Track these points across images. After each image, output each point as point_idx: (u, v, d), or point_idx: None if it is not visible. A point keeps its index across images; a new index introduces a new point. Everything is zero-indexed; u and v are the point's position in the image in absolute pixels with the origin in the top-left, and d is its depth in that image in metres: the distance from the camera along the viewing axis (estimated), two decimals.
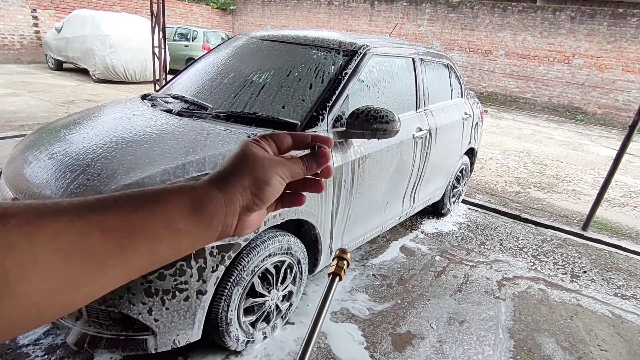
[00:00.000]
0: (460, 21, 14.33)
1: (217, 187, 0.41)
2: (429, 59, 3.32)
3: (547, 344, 2.42)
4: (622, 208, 5.06)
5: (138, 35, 10.01)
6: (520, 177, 5.87)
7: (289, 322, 2.30)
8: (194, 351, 2.02)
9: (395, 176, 2.79)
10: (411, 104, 3.01)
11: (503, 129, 9.71)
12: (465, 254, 3.40)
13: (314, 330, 0.47)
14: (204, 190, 0.40)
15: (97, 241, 0.33)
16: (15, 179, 1.80)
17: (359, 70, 2.43)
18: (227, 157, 0.44)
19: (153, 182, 1.60)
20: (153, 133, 1.95)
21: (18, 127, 5.33)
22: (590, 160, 7.43)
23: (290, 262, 2.11)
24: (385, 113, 2.15)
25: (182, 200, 0.39)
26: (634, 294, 3.12)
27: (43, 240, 0.30)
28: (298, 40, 2.70)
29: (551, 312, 2.74)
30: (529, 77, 13.63)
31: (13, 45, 11.63)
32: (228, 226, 0.42)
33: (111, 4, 13.68)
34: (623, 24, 11.84)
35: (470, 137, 4.02)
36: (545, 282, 3.12)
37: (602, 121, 12.59)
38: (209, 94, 2.47)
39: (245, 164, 0.42)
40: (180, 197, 0.39)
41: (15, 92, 7.52)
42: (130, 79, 10.22)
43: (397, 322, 2.44)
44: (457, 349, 2.28)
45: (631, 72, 12.02)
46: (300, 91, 2.33)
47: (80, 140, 1.93)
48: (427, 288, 2.83)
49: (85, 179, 1.63)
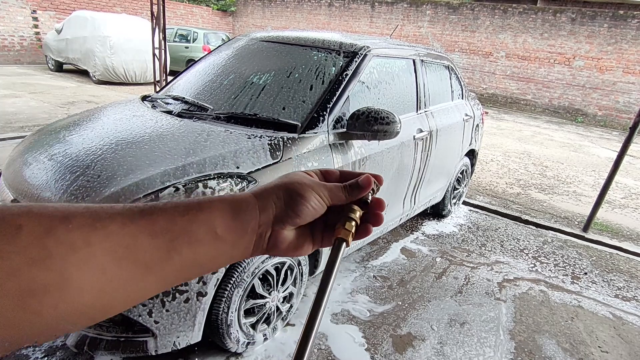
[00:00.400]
0: (460, 23, 14.34)
1: (253, 194, 0.43)
2: (429, 60, 3.32)
3: (548, 345, 2.42)
4: (623, 210, 5.06)
5: (138, 36, 10.01)
6: (520, 178, 5.87)
7: (289, 323, 2.29)
8: (194, 353, 2.01)
9: (396, 178, 2.79)
10: (412, 105, 3.00)
11: (504, 130, 9.71)
12: (466, 256, 3.40)
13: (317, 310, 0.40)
14: (242, 197, 0.42)
15: (146, 244, 0.35)
16: (15, 180, 1.80)
17: (359, 71, 2.43)
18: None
19: (153, 184, 1.60)
20: (153, 134, 1.95)
21: (18, 128, 5.33)
22: (591, 162, 7.43)
23: (291, 264, 2.10)
24: (385, 114, 2.14)
25: (222, 206, 0.41)
26: (634, 295, 3.11)
27: (99, 241, 0.33)
28: (298, 41, 2.69)
29: (552, 314, 2.73)
30: (529, 79, 13.63)
31: (13, 46, 11.64)
32: (262, 236, 0.42)
33: (111, 5, 13.70)
34: (624, 26, 11.85)
35: (470, 139, 4.02)
36: (546, 283, 3.11)
37: (602, 123, 12.59)
38: (209, 95, 2.47)
39: (284, 178, 0.45)
40: (221, 204, 0.41)
41: (15, 93, 7.53)
42: (130, 80, 10.22)
43: (397, 324, 2.43)
44: (458, 350, 2.28)
45: (632, 74, 12.02)
46: (301, 92, 2.33)
47: (80, 141, 1.93)
48: (428, 289, 2.83)
49: (85, 181, 1.62)
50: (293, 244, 0.45)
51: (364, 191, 0.46)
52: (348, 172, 0.50)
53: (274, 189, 0.44)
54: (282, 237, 0.44)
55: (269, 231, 0.43)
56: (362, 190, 0.46)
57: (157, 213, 0.37)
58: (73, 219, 0.32)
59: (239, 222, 0.41)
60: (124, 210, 0.36)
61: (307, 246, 0.47)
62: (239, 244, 0.41)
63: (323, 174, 0.49)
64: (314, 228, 0.48)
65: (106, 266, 0.33)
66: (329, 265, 0.43)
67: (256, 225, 0.42)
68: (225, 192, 1.68)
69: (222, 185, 1.69)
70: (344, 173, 0.50)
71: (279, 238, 0.43)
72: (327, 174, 0.50)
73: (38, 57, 12.07)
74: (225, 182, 1.70)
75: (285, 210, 0.43)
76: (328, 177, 0.49)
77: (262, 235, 0.42)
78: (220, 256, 0.40)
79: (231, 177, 1.73)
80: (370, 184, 0.47)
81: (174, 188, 1.60)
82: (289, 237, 0.45)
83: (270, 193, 0.43)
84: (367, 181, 0.46)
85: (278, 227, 0.43)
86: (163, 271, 0.37)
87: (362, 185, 0.46)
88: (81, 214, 0.33)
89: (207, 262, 0.40)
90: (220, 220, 0.40)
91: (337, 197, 0.46)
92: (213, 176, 1.70)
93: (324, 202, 0.45)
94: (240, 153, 1.84)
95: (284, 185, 0.44)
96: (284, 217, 0.43)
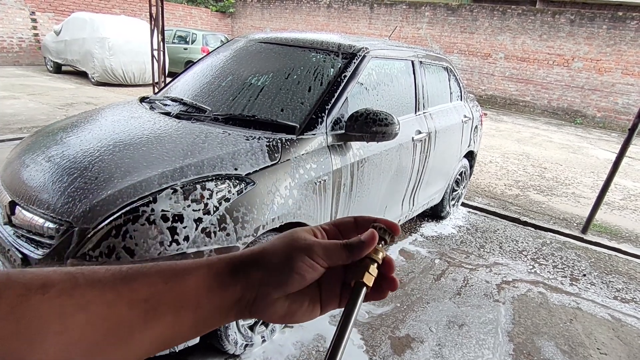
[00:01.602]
0: (459, 24, 14.36)
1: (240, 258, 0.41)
2: (428, 62, 3.32)
3: (547, 347, 2.41)
4: (622, 211, 5.06)
5: (137, 38, 10.00)
6: (519, 180, 5.87)
7: (287, 325, 2.29)
8: (192, 355, 2.01)
9: (395, 179, 2.79)
10: (410, 106, 3.00)
11: (502, 132, 9.71)
12: (465, 257, 3.39)
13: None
14: (227, 261, 0.40)
15: (124, 313, 0.35)
16: (13, 182, 1.79)
17: (358, 72, 2.42)
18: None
19: (150, 186, 1.59)
20: (151, 136, 1.95)
21: (17, 130, 5.32)
22: (590, 164, 7.43)
23: None
24: (384, 116, 2.14)
25: (206, 271, 0.39)
26: (633, 297, 3.11)
27: (75, 311, 0.33)
28: (297, 42, 2.69)
29: (551, 316, 2.73)
30: (528, 80, 13.65)
31: (12, 48, 11.63)
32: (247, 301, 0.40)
33: (110, 7, 13.70)
34: (622, 27, 11.87)
35: (469, 140, 4.02)
36: (544, 285, 3.11)
37: (601, 124, 12.61)
38: (207, 96, 2.46)
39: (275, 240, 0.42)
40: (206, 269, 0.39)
41: (14, 94, 7.52)
42: (129, 81, 10.22)
43: (396, 326, 2.43)
44: (457, 352, 2.27)
45: (630, 75, 12.04)
46: (299, 94, 2.33)
47: (77, 143, 1.93)
48: (427, 291, 2.82)
49: (82, 183, 1.62)
50: (285, 311, 0.41)
51: (367, 248, 0.41)
52: (365, 219, 0.45)
53: (261, 253, 0.41)
54: (268, 305, 0.40)
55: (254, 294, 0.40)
56: (366, 248, 0.41)
57: (139, 279, 0.36)
58: (51, 287, 0.33)
59: (221, 289, 0.39)
60: (105, 275, 0.36)
61: (309, 312, 0.43)
62: (219, 311, 0.39)
63: (336, 226, 0.45)
64: (326, 290, 0.43)
65: (80, 337, 0.33)
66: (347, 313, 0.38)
67: (239, 293, 0.39)
68: (223, 193, 1.67)
69: (220, 187, 1.68)
70: (360, 220, 0.45)
71: (266, 301, 0.40)
72: (341, 224, 0.45)
73: (37, 59, 12.06)
74: (223, 183, 1.70)
75: (270, 278, 0.39)
76: (342, 227, 0.45)
77: (248, 300, 0.40)
78: (199, 324, 0.39)
79: (229, 178, 1.73)
80: (374, 240, 0.42)
81: (172, 190, 1.59)
82: (279, 304, 0.40)
83: (257, 258, 0.40)
84: (371, 237, 0.42)
85: (264, 293, 0.40)
86: (141, 341, 0.36)
87: (365, 242, 0.41)
88: (60, 280, 0.33)
89: (186, 330, 0.38)
90: (202, 287, 0.38)
91: (336, 257, 0.41)
92: (211, 178, 1.70)
93: (318, 266, 0.40)
94: (238, 154, 1.84)
95: (271, 249, 0.41)
96: (269, 284, 0.39)
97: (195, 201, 1.60)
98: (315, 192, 2.06)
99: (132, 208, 1.52)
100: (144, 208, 1.52)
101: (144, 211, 1.51)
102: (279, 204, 1.86)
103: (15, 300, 0.31)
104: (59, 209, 1.56)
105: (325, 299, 0.43)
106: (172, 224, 1.53)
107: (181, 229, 1.54)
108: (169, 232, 1.52)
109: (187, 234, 1.55)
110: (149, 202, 1.54)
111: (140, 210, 1.51)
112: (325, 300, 0.43)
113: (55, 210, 1.56)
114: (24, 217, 1.65)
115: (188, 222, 1.56)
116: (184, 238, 1.54)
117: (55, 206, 1.57)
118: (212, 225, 1.61)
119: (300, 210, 1.98)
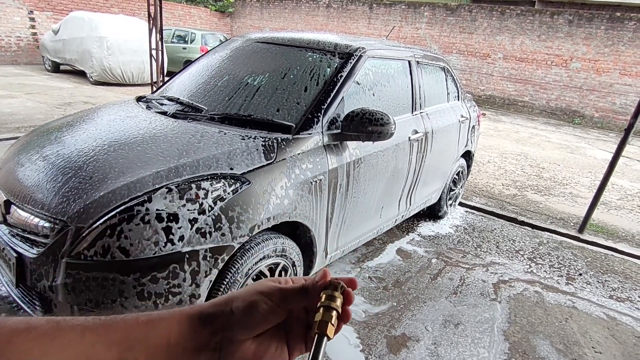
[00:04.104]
0: (458, 24, 14.37)
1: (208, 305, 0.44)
2: (425, 62, 3.33)
3: (542, 346, 2.42)
4: (618, 211, 5.07)
5: (136, 37, 9.99)
6: (517, 180, 5.88)
7: None
8: None
9: (391, 179, 2.79)
10: (407, 106, 3.01)
11: (501, 132, 9.73)
12: (462, 257, 3.40)
13: None
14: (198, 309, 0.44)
15: (102, 353, 0.38)
16: (8, 181, 1.79)
17: (354, 72, 2.43)
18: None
19: (145, 185, 1.59)
20: (146, 135, 1.95)
21: (14, 129, 5.32)
22: (587, 164, 7.45)
23: (285, 264, 2.10)
24: (380, 115, 2.15)
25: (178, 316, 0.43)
26: (629, 296, 3.12)
27: (57, 350, 0.35)
28: (294, 42, 2.70)
29: (546, 315, 2.73)
30: (527, 81, 13.67)
31: (10, 47, 11.61)
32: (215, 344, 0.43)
33: (109, 6, 13.68)
34: (620, 28, 11.90)
35: (467, 140, 4.02)
36: (541, 284, 3.12)
37: (599, 124, 12.63)
38: (204, 96, 2.47)
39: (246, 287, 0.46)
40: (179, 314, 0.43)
41: (11, 94, 7.51)
42: (127, 81, 10.20)
43: (392, 325, 2.43)
44: (452, 351, 2.28)
45: (628, 76, 12.06)
46: (296, 93, 2.33)
47: (73, 142, 1.93)
48: (423, 290, 2.83)
49: (76, 182, 1.62)
50: (252, 353, 0.43)
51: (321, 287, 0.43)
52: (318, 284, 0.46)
53: (228, 299, 0.44)
54: (236, 347, 0.43)
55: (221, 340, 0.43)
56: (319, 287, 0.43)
57: (117, 323, 0.40)
58: (34, 329, 0.35)
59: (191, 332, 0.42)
60: (86, 320, 0.39)
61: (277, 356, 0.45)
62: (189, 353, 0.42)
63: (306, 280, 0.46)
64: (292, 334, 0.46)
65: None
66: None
67: (207, 337, 0.42)
68: (218, 192, 1.68)
69: (215, 186, 1.69)
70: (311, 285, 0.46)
71: (233, 348, 0.42)
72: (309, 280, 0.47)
73: (35, 58, 12.04)
74: (218, 182, 1.70)
75: (234, 320, 0.43)
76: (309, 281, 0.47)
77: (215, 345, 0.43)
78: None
79: (225, 178, 1.73)
80: (326, 277, 0.44)
81: (167, 189, 1.60)
82: (246, 346, 0.43)
83: (224, 304, 0.44)
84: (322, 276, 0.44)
85: (229, 337, 0.42)
86: None
87: (318, 281, 0.44)
88: (43, 324, 0.36)
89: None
90: (174, 330, 0.41)
91: (292, 298, 0.44)
92: (206, 177, 1.70)
93: (275, 307, 0.43)
94: (234, 154, 1.84)
95: (237, 295, 0.44)
96: (234, 327, 0.42)
97: (190, 201, 1.60)
98: (311, 192, 2.07)
99: (127, 207, 1.52)
100: (138, 207, 1.52)
101: (139, 211, 1.52)
102: (274, 204, 1.86)
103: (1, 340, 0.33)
104: (54, 208, 1.56)
105: (291, 343, 0.46)
106: (167, 224, 1.54)
107: (176, 228, 1.55)
108: (164, 232, 1.53)
109: (182, 233, 1.56)
110: (144, 201, 1.54)
111: (135, 210, 1.51)
112: (291, 345, 0.46)
113: (50, 209, 1.56)
114: (19, 216, 1.65)
115: (183, 222, 1.56)
116: (179, 238, 1.55)
117: (50, 205, 1.57)
118: (207, 225, 1.62)
119: (296, 210, 1.99)
